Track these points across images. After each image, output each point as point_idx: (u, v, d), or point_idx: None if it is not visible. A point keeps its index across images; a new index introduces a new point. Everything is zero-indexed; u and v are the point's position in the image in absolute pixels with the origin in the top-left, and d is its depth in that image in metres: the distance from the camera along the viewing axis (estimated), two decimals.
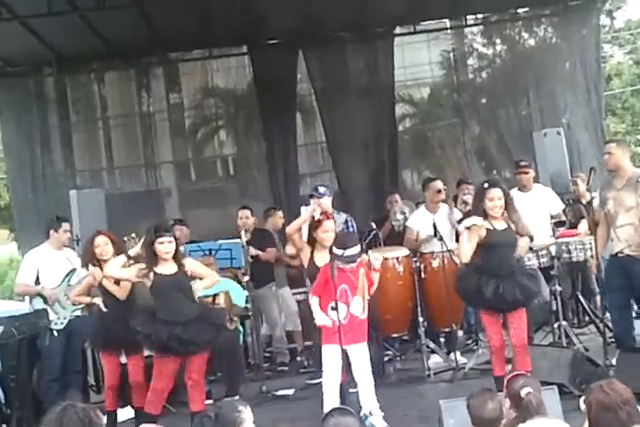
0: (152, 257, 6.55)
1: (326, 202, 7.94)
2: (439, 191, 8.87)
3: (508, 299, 6.60)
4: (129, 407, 7.41)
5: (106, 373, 7.25)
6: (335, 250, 6.52)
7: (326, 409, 6.27)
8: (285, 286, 9.72)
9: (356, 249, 6.54)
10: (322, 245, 6.97)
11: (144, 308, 6.82)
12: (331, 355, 6.48)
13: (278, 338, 9.47)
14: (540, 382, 5.18)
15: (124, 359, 7.24)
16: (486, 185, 6.81)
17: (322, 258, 6.86)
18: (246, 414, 4.29)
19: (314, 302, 6.62)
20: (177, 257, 6.65)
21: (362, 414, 6.46)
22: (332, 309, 6.45)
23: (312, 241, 7.09)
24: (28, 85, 12.27)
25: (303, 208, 8.16)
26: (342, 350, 6.45)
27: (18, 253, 20.73)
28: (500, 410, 4.46)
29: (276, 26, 11.87)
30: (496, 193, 6.69)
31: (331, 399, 6.40)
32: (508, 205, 6.74)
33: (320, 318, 6.56)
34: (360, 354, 6.56)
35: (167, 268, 6.61)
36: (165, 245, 6.52)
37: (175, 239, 6.69)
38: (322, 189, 8.05)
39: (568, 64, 12.80)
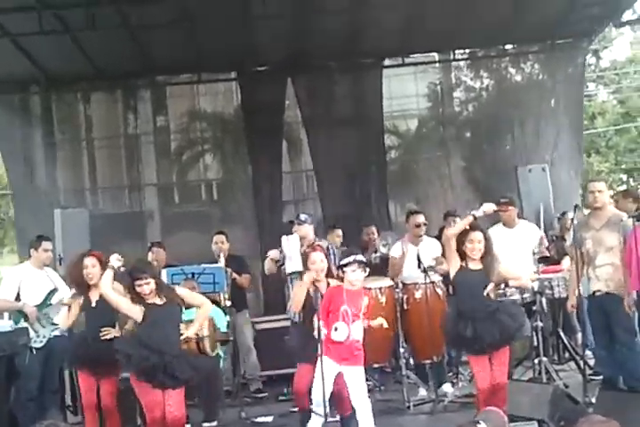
0: (138, 297, 6.53)
1: (307, 230, 8.00)
2: (418, 226, 8.88)
3: (487, 340, 6.62)
4: None
5: (82, 392, 7.14)
6: (344, 261, 6.59)
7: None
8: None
9: (352, 258, 6.59)
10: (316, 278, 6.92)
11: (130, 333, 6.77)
12: (325, 367, 6.39)
13: (252, 365, 9.43)
14: (519, 417, 5.22)
15: None
16: (468, 227, 6.85)
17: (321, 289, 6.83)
18: None
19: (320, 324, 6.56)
20: (161, 289, 6.60)
21: None
22: (335, 330, 6.46)
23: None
24: (14, 102, 12.22)
25: (284, 238, 8.15)
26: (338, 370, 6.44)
27: None
28: None
29: (266, 53, 11.94)
30: (477, 236, 6.75)
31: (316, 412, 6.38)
32: (487, 249, 6.78)
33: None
34: (356, 377, 6.52)
35: (156, 299, 6.58)
36: (143, 288, 6.48)
37: (154, 277, 6.61)
38: (303, 217, 8.11)
39: (553, 101, 12.91)
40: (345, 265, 6.59)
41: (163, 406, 6.47)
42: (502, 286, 7.47)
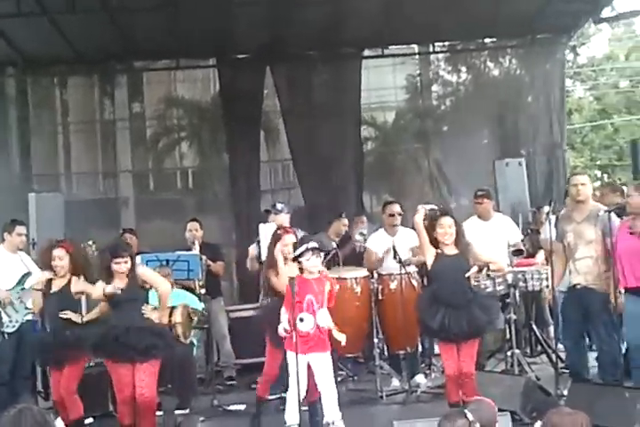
0: (109, 275, 6.61)
1: (283, 218, 8.01)
2: (392, 215, 8.88)
3: (454, 330, 6.66)
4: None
5: (52, 385, 7.08)
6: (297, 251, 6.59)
7: (287, 418, 6.33)
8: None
9: (304, 247, 6.59)
10: (285, 258, 6.93)
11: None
12: (295, 362, 6.36)
13: (226, 352, 9.42)
14: None
15: None
16: (437, 213, 6.90)
17: (288, 272, 6.82)
18: None
19: (284, 316, 6.57)
20: (131, 273, 6.66)
21: (324, 422, 6.46)
22: (301, 320, 6.42)
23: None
24: None
25: (261, 225, 8.16)
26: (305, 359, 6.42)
27: None
28: None
29: (246, 41, 11.88)
30: (447, 221, 6.80)
31: (292, 408, 6.38)
32: (459, 234, 6.82)
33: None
34: (322, 363, 6.51)
35: (120, 282, 6.62)
36: (121, 266, 6.58)
37: (132, 257, 6.68)
38: (279, 206, 8.15)
39: (531, 96, 12.95)
40: (299, 255, 6.58)
41: (132, 386, 6.50)
42: (484, 270, 7.47)
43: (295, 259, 6.64)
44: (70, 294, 6.87)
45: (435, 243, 6.84)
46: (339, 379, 8.33)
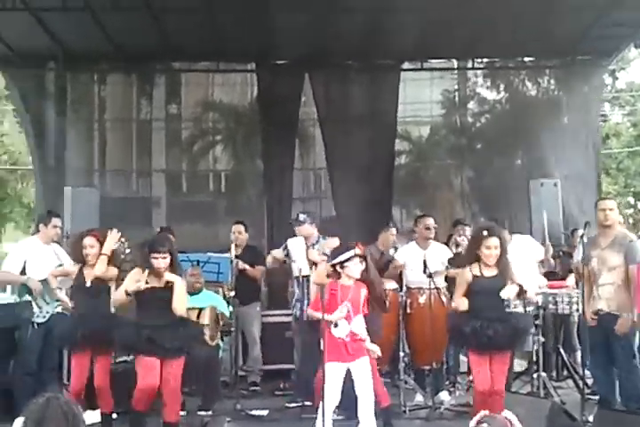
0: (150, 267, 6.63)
1: (307, 229, 8.03)
2: (427, 228, 8.85)
3: (488, 333, 6.57)
4: (91, 412, 7.25)
5: (73, 376, 7.10)
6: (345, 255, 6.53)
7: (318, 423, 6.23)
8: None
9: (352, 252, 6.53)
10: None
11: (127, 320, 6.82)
12: (332, 373, 6.35)
13: (254, 358, 9.39)
14: None
15: None
16: (485, 233, 6.80)
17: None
18: None
19: (316, 314, 6.50)
20: (172, 270, 6.69)
21: None
22: (335, 326, 6.40)
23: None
24: (30, 78, 12.13)
25: (290, 241, 8.27)
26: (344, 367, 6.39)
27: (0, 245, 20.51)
28: None
29: (286, 47, 11.91)
30: (494, 242, 6.73)
31: (327, 418, 6.27)
32: (502, 254, 6.76)
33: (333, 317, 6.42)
34: (362, 368, 6.43)
35: (157, 280, 6.65)
36: (159, 261, 6.60)
37: (171, 254, 6.67)
38: (301, 217, 8.19)
39: (567, 118, 12.91)
40: (347, 260, 6.51)
41: (157, 376, 6.53)
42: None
43: (337, 264, 6.55)
44: (102, 288, 6.88)
45: (476, 259, 6.77)
46: None
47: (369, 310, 6.63)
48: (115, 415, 7.19)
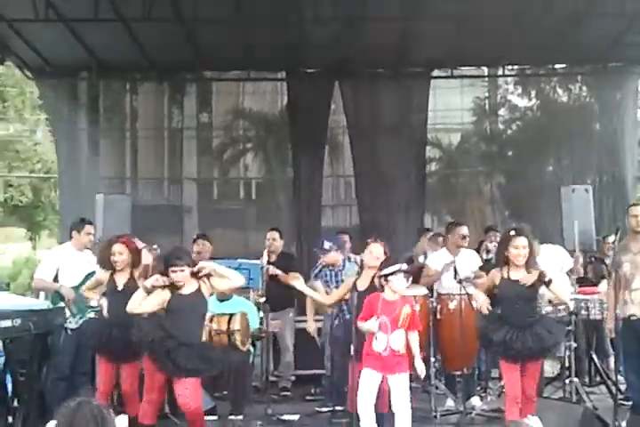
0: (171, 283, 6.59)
1: (333, 256, 8.01)
2: (464, 237, 8.84)
3: (517, 346, 6.56)
4: (124, 416, 7.30)
5: (100, 379, 7.14)
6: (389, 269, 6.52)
7: None
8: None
9: (397, 266, 6.52)
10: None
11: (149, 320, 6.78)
12: (368, 379, 6.39)
13: (286, 364, 9.41)
14: None
15: None
16: (512, 233, 6.79)
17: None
18: None
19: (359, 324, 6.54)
20: (197, 275, 6.64)
21: None
22: (376, 339, 6.42)
23: None
24: (63, 87, 12.29)
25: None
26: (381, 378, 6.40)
27: (34, 252, 20.74)
28: None
29: (317, 56, 11.97)
30: (522, 242, 6.69)
31: (366, 422, 6.33)
32: (531, 255, 6.72)
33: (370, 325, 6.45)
34: (399, 383, 6.43)
35: (185, 288, 6.61)
36: (177, 275, 6.52)
37: (189, 265, 6.61)
38: (327, 245, 8.12)
39: (599, 124, 12.85)
40: (391, 274, 6.50)
41: (162, 390, 6.62)
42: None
43: (383, 277, 6.55)
44: (135, 288, 6.91)
45: (505, 260, 6.75)
46: None
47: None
48: None
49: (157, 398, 6.66)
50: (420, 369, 6.53)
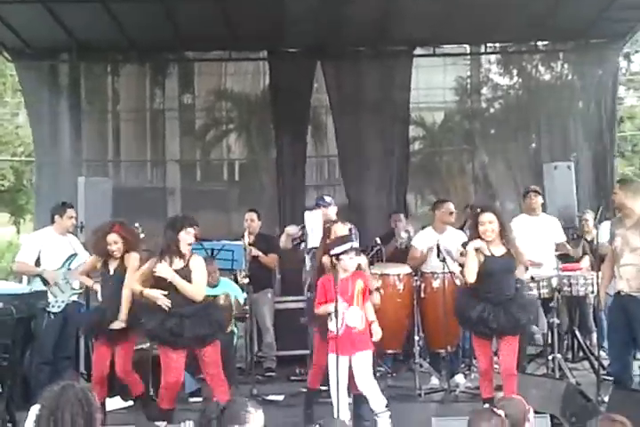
0: (171, 247, 6.63)
1: (331, 211, 7.99)
2: (451, 213, 8.89)
3: (491, 325, 6.67)
4: (117, 398, 7.33)
5: (94, 363, 7.20)
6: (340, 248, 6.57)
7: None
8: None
9: (348, 245, 6.57)
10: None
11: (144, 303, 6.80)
12: (332, 363, 6.47)
13: (268, 344, 9.46)
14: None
15: None
16: (478, 210, 6.90)
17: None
18: (254, 417, 4.20)
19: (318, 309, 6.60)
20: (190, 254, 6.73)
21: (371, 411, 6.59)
22: (329, 320, 6.49)
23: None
24: (44, 70, 12.16)
25: (307, 213, 8.09)
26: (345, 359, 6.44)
27: (17, 236, 20.67)
28: None
29: (298, 35, 11.83)
30: (487, 217, 6.77)
31: (340, 405, 6.38)
32: (503, 229, 6.78)
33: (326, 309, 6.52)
34: (360, 362, 6.52)
35: (175, 262, 6.65)
36: (191, 237, 6.65)
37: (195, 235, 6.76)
38: (328, 199, 8.15)
39: (581, 102, 12.85)
40: (342, 253, 6.54)
41: (181, 371, 6.62)
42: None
43: (334, 256, 6.58)
44: (124, 277, 6.94)
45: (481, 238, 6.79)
46: (377, 375, 8.37)
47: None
48: (130, 402, 7.25)
49: (175, 380, 6.64)
50: (376, 333, 6.62)
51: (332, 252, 6.61)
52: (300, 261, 8.38)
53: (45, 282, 7.87)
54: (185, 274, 6.65)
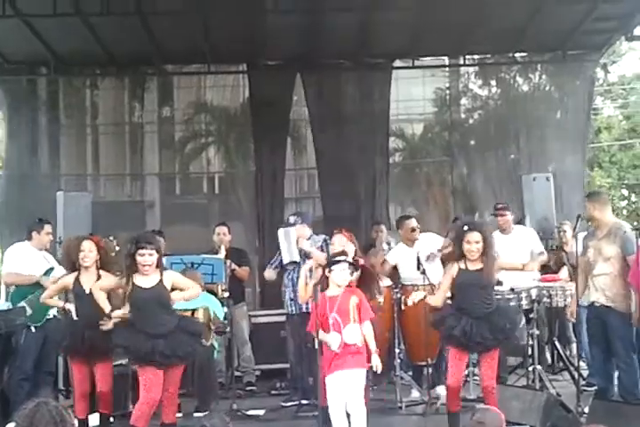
0: (132, 267, 6.52)
1: (299, 230, 7.97)
2: (413, 230, 8.93)
3: (476, 339, 6.63)
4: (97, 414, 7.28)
5: (76, 381, 7.11)
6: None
7: None
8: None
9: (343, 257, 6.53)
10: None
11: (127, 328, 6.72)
12: (333, 385, 6.36)
13: (246, 358, 9.46)
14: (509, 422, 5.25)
15: None
16: (466, 228, 6.86)
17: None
18: None
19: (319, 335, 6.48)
20: (159, 269, 6.61)
21: None
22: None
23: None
24: (22, 84, 12.16)
25: (280, 230, 8.12)
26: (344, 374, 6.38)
27: None
28: None
29: (277, 48, 11.88)
30: (474, 237, 6.75)
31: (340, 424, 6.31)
32: (486, 248, 6.78)
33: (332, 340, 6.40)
34: (354, 380, 6.38)
35: (146, 281, 6.56)
36: (146, 258, 6.47)
37: (158, 251, 6.60)
38: (292, 219, 8.17)
39: (559, 113, 12.93)
40: (334, 263, 6.47)
41: (160, 388, 6.48)
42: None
43: (327, 267, 6.52)
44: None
45: (461, 255, 6.80)
46: None
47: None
48: (112, 419, 7.20)
49: (155, 398, 6.48)
50: (376, 366, 6.51)
51: (328, 262, 6.57)
52: (280, 275, 8.40)
53: (24, 297, 7.81)
54: (159, 291, 6.56)
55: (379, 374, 8.72)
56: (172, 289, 6.66)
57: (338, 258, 6.53)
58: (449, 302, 6.98)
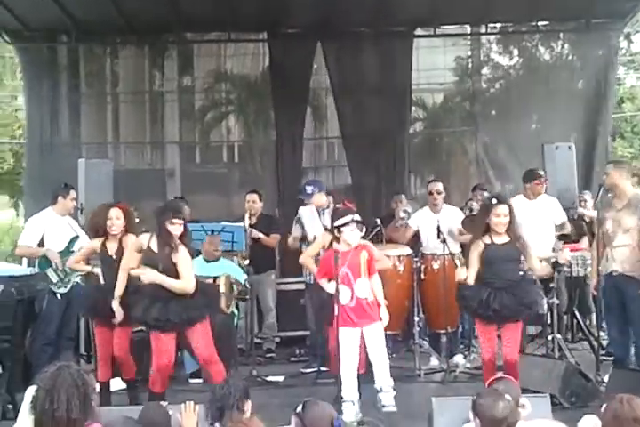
0: (164, 236, 6.56)
1: (317, 199, 7.98)
2: (431, 193, 8.90)
3: (497, 309, 6.62)
4: (119, 379, 7.36)
5: (98, 345, 7.19)
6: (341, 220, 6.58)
7: (344, 394, 6.33)
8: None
9: (350, 217, 6.57)
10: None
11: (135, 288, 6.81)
12: (346, 338, 6.46)
13: (269, 325, 9.48)
14: (529, 390, 5.27)
15: None
16: (494, 201, 6.82)
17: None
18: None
19: (322, 281, 6.66)
20: (184, 240, 6.65)
21: (375, 387, 6.55)
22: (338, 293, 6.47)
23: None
24: (43, 52, 12.15)
25: (301, 209, 8.22)
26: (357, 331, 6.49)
27: (17, 219, 20.65)
28: (511, 409, 4.40)
29: (298, 16, 11.81)
30: (503, 210, 6.72)
31: (349, 384, 6.40)
32: (512, 222, 6.76)
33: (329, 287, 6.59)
34: (373, 333, 6.54)
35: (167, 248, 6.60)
36: (176, 227, 6.54)
37: (185, 224, 6.66)
38: (309, 189, 8.12)
39: (581, 82, 12.82)
40: (343, 225, 6.55)
41: (171, 354, 6.59)
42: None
43: (335, 228, 6.59)
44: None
45: (486, 229, 6.77)
46: None
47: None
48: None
49: (166, 363, 6.61)
50: (384, 318, 6.65)
51: (334, 224, 6.61)
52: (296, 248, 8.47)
53: (50, 263, 7.88)
54: (168, 266, 6.58)
55: (397, 341, 8.91)
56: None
57: (344, 220, 6.54)
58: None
